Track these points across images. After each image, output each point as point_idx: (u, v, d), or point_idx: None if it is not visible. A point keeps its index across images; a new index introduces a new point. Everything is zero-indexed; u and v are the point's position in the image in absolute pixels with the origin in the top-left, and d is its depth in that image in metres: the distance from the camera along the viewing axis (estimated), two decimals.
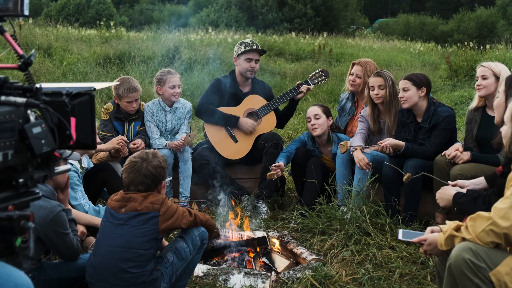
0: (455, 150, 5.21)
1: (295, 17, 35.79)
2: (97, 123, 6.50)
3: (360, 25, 43.47)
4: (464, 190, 3.86)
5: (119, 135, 5.77)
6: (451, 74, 16.66)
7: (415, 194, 5.34)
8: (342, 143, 5.63)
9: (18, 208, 1.88)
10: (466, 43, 23.56)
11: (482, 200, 3.58)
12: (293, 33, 26.66)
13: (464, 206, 3.68)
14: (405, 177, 5.01)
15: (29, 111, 1.90)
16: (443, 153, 5.28)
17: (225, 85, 6.32)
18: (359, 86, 6.23)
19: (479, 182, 4.11)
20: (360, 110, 6.16)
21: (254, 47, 6.29)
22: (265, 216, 5.72)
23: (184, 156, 6.02)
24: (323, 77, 6.36)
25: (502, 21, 36.66)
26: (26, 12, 2.02)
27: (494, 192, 3.54)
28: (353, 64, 6.31)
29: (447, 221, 3.35)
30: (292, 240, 4.98)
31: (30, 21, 20.49)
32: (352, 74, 6.25)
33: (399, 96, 5.58)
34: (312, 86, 6.30)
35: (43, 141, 1.89)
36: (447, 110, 5.50)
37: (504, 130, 3.23)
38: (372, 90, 5.78)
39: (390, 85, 5.72)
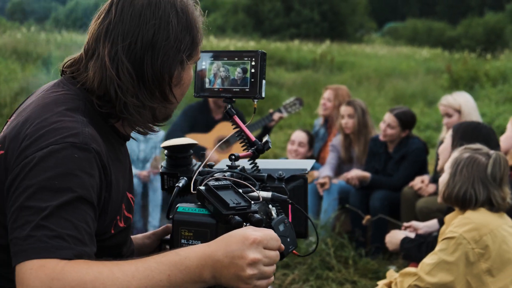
0: (421, 182, 5.21)
1: (302, 22, 35.68)
2: None
3: (369, 29, 43.13)
4: (412, 235, 3.83)
5: None
6: (452, 84, 16.40)
7: (381, 226, 5.31)
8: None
9: None
10: (467, 52, 23.33)
11: (426, 247, 3.56)
12: (296, 41, 26.50)
13: (409, 252, 3.67)
14: (364, 220, 5.00)
15: (270, 206, 1.71)
16: (410, 185, 5.28)
17: (197, 112, 6.29)
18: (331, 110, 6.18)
19: (432, 225, 4.08)
20: (332, 137, 6.12)
21: None
22: None
23: (153, 185, 5.98)
24: (297, 105, 6.37)
25: (510, 26, 36.19)
26: (263, 95, 1.82)
27: (437, 238, 3.52)
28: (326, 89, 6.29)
29: (387, 273, 3.34)
30: None
31: (33, 28, 20.43)
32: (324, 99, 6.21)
33: (380, 125, 5.56)
34: (285, 115, 6.29)
35: (288, 240, 1.68)
36: (418, 143, 5.51)
37: (442, 177, 3.22)
38: (342, 119, 5.77)
39: (360, 115, 5.70)
